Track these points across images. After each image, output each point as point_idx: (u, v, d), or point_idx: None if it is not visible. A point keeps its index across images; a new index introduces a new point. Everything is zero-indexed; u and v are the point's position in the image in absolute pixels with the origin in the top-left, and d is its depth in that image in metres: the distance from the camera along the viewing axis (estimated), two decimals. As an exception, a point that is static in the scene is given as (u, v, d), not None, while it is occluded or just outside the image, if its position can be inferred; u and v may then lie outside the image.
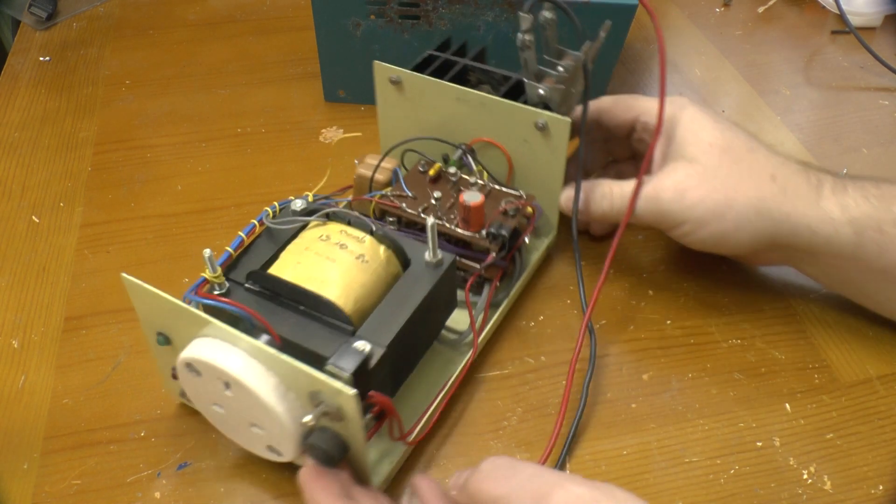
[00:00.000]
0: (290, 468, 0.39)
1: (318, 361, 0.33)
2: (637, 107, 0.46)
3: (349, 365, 0.33)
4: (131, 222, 0.53)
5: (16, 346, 0.45)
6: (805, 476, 0.39)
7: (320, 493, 0.32)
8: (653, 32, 0.74)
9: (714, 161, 0.42)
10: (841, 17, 0.72)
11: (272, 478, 0.39)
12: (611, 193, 0.45)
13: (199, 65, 0.69)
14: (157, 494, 0.38)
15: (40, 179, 0.57)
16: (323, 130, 0.61)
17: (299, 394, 0.33)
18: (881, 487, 0.38)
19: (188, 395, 0.38)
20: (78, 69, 0.69)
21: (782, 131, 0.62)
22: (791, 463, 0.39)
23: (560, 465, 0.39)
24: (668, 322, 0.47)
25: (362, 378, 0.34)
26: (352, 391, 0.30)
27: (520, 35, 0.44)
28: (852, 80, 0.68)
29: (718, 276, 0.50)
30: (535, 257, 0.49)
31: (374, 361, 0.35)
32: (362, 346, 0.34)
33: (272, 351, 0.32)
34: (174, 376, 0.38)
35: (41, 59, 0.70)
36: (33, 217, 0.54)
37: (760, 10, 0.78)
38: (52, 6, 0.74)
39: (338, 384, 0.30)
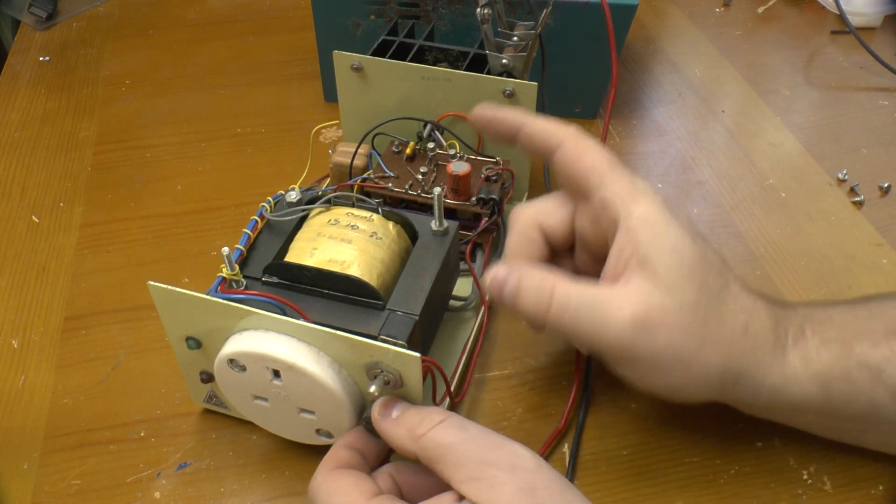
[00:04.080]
0: (290, 468, 0.39)
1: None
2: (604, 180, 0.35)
3: (402, 333, 0.35)
4: (131, 222, 0.53)
5: (16, 346, 0.45)
6: (805, 476, 0.39)
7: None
8: (653, 32, 0.75)
9: (692, 296, 0.32)
10: (841, 17, 0.72)
11: (272, 478, 0.39)
12: (550, 292, 0.33)
13: (199, 65, 0.69)
14: (157, 494, 0.38)
15: (40, 179, 0.57)
16: (323, 130, 0.61)
17: (352, 369, 0.33)
18: (881, 488, 0.38)
19: (223, 395, 0.38)
20: (78, 69, 0.69)
21: (782, 131, 0.62)
22: (791, 463, 0.39)
23: (565, 465, 0.39)
24: (668, 322, 0.47)
25: (411, 346, 0.35)
26: (416, 354, 0.31)
27: (479, 10, 0.47)
28: (852, 80, 0.68)
29: (718, 276, 0.50)
30: None
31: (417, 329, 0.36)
32: (405, 315, 0.36)
33: (326, 330, 0.32)
34: (204, 380, 0.38)
35: (41, 59, 0.70)
36: (33, 217, 0.54)
37: (760, 10, 0.78)
38: (52, 6, 0.74)
39: (402, 350, 0.31)
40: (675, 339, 0.32)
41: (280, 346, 0.33)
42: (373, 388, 0.32)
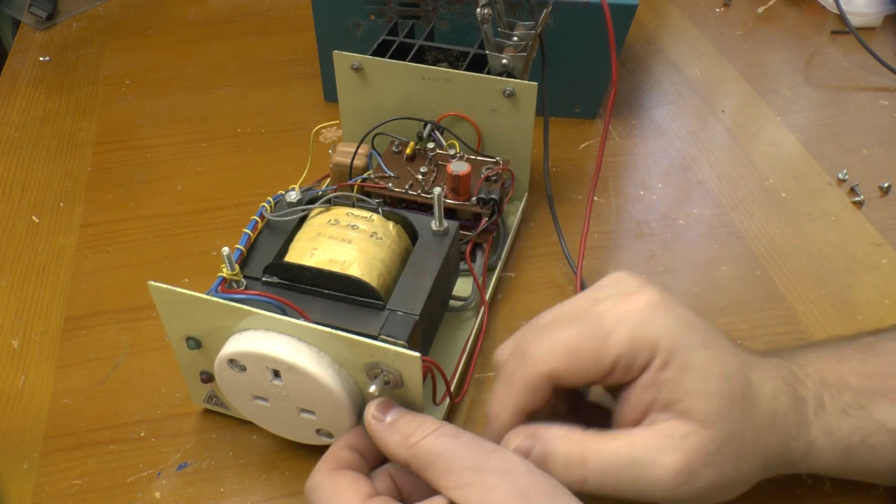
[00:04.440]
0: (290, 468, 0.39)
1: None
2: (610, 349, 0.31)
3: (403, 333, 0.35)
4: (131, 222, 0.53)
5: (16, 346, 0.45)
6: (805, 476, 0.39)
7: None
8: (653, 32, 0.75)
9: (726, 423, 0.30)
10: (841, 17, 0.72)
11: (272, 478, 0.39)
12: (583, 461, 0.31)
13: (199, 65, 0.69)
14: (157, 494, 0.38)
15: (40, 179, 0.57)
16: (323, 130, 0.61)
17: (352, 369, 0.33)
18: (880, 488, 0.38)
19: (223, 395, 0.38)
20: (78, 69, 0.69)
21: (782, 131, 0.62)
22: (791, 463, 0.39)
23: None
24: (668, 322, 0.47)
25: (411, 346, 0.35)
26: (416, 354, 0.31)
27: (479, 10, 0.47)
28: (852, 80, 0.68)
29: (718, 276, 0.50)
30: (514, 220, 0.52)
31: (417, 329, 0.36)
32: (405, 315, 0.36)
33: (326, 330, 0.32)
34: (204, 380, 0.38)
35: (41, 59, 0.70)
36: (33, 217, 0.54)
37: (760, 10, 0.78)
38: (52, 6, 0.74)
39: (402, 350, 0.31)
40: (716, 473, 0.31)
41: (280, 346, 0.33)
42: (373, 388, 0.32)
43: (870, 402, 0.33)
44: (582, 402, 0.38)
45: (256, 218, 0.40)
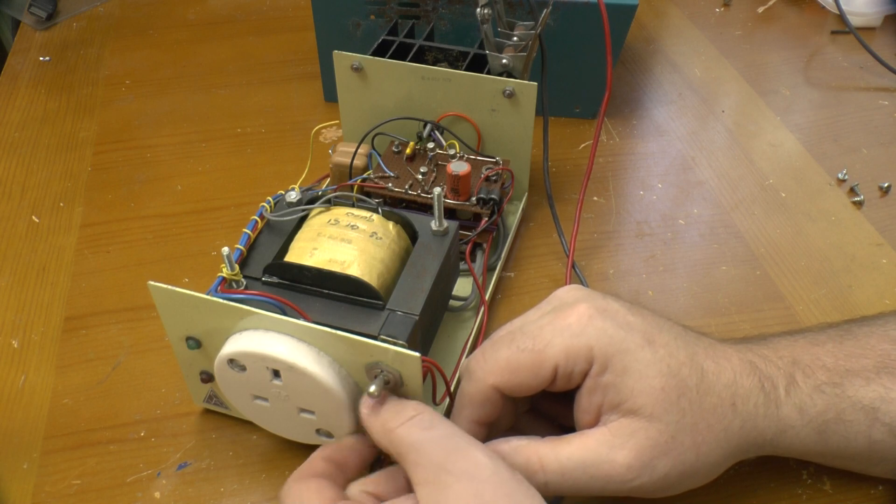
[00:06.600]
0: (290, 468, 0.39)
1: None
2: (547, 361, 0.33)
3: (402, 333, 0.35)
4: (131, 222, 0.53)
5: (16, 346, 0.45)
6: (804, 476, 0.39)
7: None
8: (653, 32, 0.75)
9: (674, 414, 0.32)
10: (841, 17, 0.72)
11: (272, 478, 0.39)
12: (540, 466, 0.32)
13: (199, 65, 0.69)
14: (157, 494, 0.38)
15: (40, 179, 0.57)
16: (323, 130, 0.61)
17: (352, 369, 0.33)
18: (880, 488, 0.38)
19: (224, 395, 0.38)
20: (78, 69, 0.69)
21: (782, 131, 0.62)
22: (791, 463, 0.39)
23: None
24: (668, 322, 0.47)
25: (411, 346, 0.35)
26: (416, 354, 0.31)
27: (479, 10, 0.47)
28: (852, 80, 0.68)
29: (718, 276, 0.50)
30: (514, 220, 0.52)
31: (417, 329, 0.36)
32: (405, 315, 0.36)
33: (326, 330, 0.32)
34: (204, 380, 0.38)
35: (41, 59, 0.70)
36: (33, 217, 0.54)
37: (760, 10, 0.78)
38: (52, 6, 0.74)
39: (402, 350, 0.31)
40: (673, 461, 0.32)
41: (280, 346, 0.33)
42: (373, 388, 0.32)
43: (844, 380, 0.34)
44: (541, 401, 0.38)
45: (256, 218, 0.40)
